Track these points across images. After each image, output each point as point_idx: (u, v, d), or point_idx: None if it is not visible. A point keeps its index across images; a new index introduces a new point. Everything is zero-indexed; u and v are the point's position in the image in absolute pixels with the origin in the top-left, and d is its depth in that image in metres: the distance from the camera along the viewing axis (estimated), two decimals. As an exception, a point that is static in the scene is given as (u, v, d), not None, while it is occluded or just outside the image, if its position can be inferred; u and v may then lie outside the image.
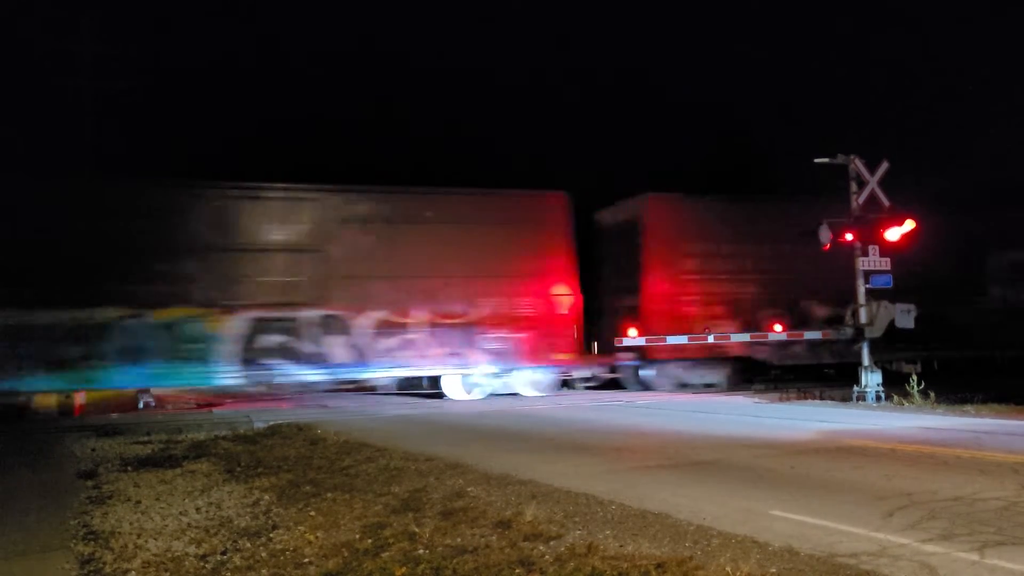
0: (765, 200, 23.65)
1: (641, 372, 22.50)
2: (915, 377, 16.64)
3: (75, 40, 28.12)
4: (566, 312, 21.35)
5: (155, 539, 6.54)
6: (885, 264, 17.67)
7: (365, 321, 19.51)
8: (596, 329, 23.31)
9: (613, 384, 23.13)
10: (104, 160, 27.36)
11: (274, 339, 18.74)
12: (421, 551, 5.88)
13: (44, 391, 17.67)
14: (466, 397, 20.94)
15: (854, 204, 17.74)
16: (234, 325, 18.40)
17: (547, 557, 5.67)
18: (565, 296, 21.36)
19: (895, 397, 16.56)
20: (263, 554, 5.99)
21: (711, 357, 22.24)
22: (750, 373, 23.04)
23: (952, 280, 23.44)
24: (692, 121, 36.13)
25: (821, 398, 18.17)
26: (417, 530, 6.47)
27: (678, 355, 22.05)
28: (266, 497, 8.06)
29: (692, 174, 31.80)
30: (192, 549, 6.20)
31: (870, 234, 17.50)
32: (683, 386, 22.14)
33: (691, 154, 33.63)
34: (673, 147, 34.20)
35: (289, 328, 18.88)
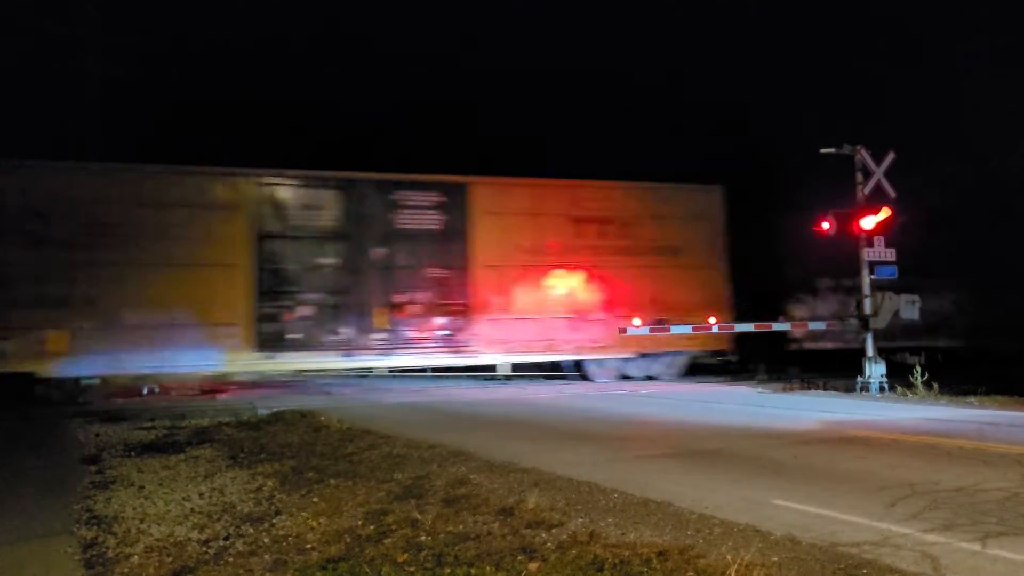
0: None
1: None
2: (919, 368, 16.63)
3: (78, 24, 28.07)
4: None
5: (158, 524, 6.56)
6: (890, 255, 17.64)
7: None
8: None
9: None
10: (108, 148, 27.35)
11: None
12: (423, 538, 5.89)
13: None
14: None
15: (860, 195, 17.69)
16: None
17: (549, 544, 5.68)
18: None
19: (898, 388, 16.55)
20: (266, 540, 6.00)
21: None
22: None
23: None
24: (693, 115, 36.00)
25: (824, 388, 18.18)
26: (419, 517, 6.48)
27: None
28: (269, 483, 8.08)
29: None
30: (195, 534, 6.22)
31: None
32: None
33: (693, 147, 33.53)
34: (674, 140, 34.12)
35: None
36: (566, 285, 21.11)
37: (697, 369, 23.10)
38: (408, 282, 19.96)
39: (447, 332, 20.14)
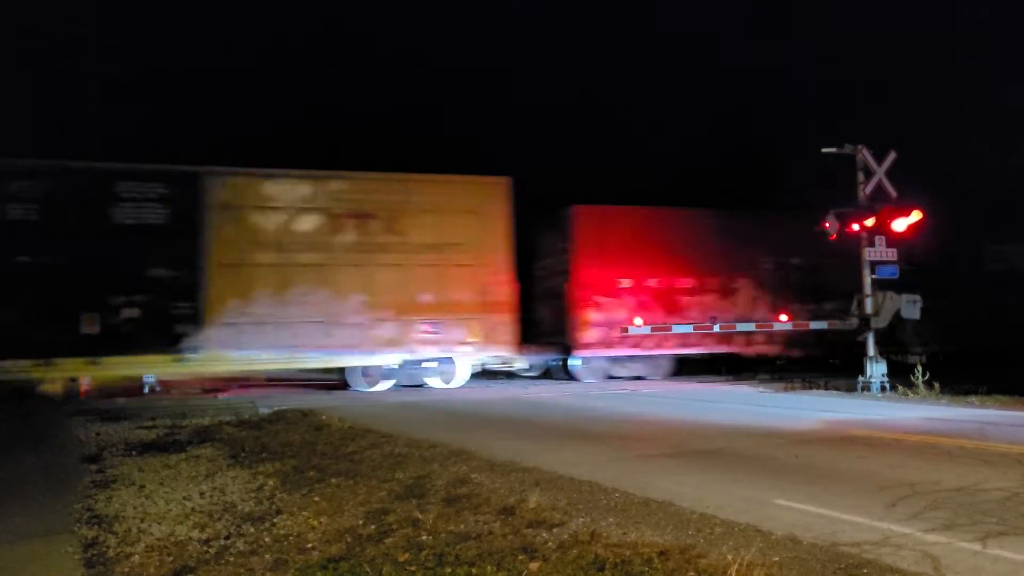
0: None
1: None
2: (920, 368, 16.62)
3: (81, 24, 28.08)
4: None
5: (159, 523, 6.56)
6: (891, 255, 17.63)
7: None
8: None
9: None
10: (108, 146, 27.37)
11: None
12: (424, 537, 5.89)
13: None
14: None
15: (861, 194, 17.69)
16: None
17: (550, 544, 5.68)
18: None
19: (900, 388, 16.54)
20: (266, 539, 6.00)
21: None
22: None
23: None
24: (694, 114, 36.02)
25: (826, 388, 18.18)
26: (421, 516, 6.47)
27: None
28: (270, 482, 8.08)
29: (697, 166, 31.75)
30: (195, 534, 6.22)
31: (877, 225, 17.44)
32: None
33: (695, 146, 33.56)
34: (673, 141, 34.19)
35: None
36: (319, 286, 19.00)
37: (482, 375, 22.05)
38: (127, 283, 17.71)
39: (172, 338, 17.85)
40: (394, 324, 19.54)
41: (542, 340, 22.13)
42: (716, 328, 22.02)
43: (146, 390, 19.55)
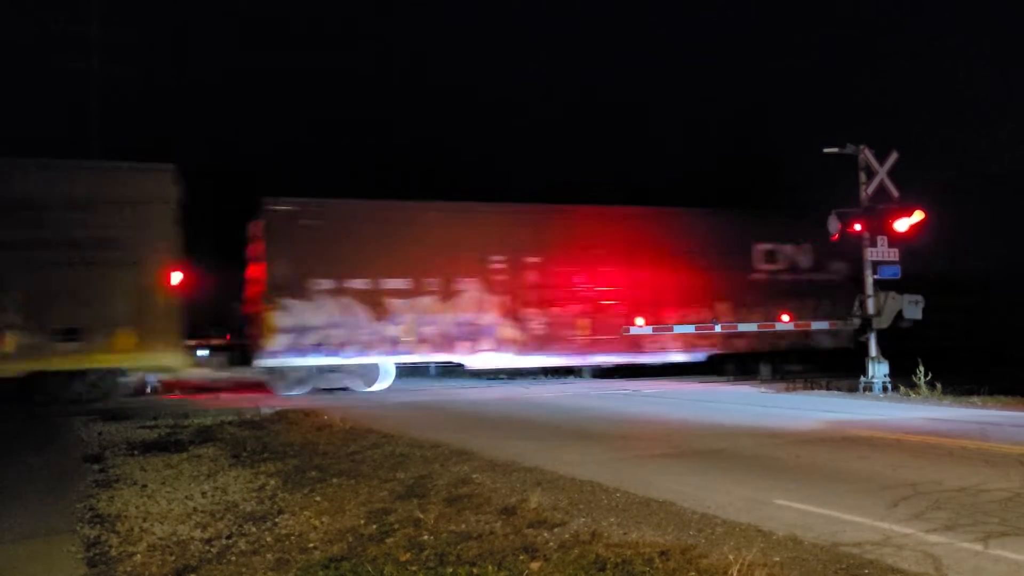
0: None
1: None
2: (922, 368, 16.61)
3: (82, 24, 28.13)
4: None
5: (161, 523, 6.57)
6: (893, 255, 17.62)
7: None
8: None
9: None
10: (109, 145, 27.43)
11: None
12: (426, 537, 5.90)
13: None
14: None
15: (863, 195, 17.67)
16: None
17: (551, 544, 5.68)
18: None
19: (902, 388, 16.53)
20: (268, 539, 6.01)
21: None
22: None
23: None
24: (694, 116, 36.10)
25: (827, 388, 18.16)
26: (422, 516, 6.48)
27: None
28: (272, 482, 8.09)
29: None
30: (197, 533, 6.22)
31: (879, 225, 17.44)
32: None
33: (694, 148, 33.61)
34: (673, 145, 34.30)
35: None
36: None
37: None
38: None
39: None
40: (24, 332, 17.15)
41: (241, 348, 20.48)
42: (428, 331, 20.23)
43: (148, 390, 19.55)
